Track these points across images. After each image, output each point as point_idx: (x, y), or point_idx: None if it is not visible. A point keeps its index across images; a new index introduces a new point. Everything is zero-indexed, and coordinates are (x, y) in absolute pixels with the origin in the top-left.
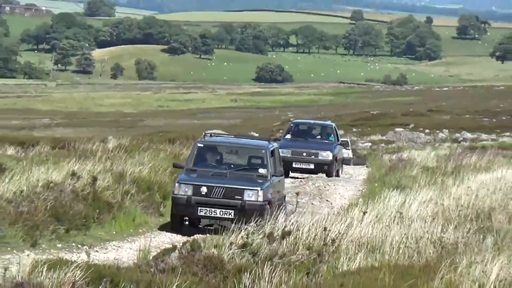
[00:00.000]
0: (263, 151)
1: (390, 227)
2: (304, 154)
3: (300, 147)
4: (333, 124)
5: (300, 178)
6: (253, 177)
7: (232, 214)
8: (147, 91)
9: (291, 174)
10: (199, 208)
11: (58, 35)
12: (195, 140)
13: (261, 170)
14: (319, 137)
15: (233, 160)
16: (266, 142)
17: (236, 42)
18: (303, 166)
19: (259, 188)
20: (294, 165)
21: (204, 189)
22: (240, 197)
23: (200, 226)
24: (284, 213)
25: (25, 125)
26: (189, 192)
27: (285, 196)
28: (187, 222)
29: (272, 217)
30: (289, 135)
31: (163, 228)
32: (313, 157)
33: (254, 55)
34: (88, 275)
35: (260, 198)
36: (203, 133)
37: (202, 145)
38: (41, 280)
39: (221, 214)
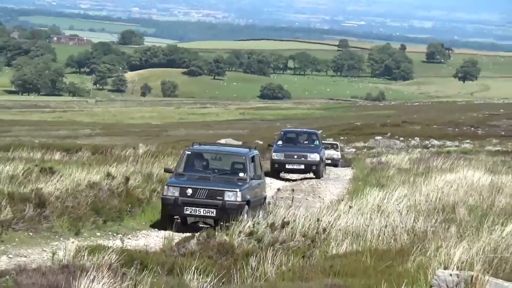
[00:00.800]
0: (244, 157)
1: (371, 218)
2: (295, 156)
3: (291, 151)
4: (317, 131)
5: (296, 179)
6: (233, 180)
7: (214, 212)
8: (170, 106)
9: (288, 176)
10: (185, 207)
11: (96, 60)
12: (185, 148)
13: (241, 174)
14: (306, 142)
15: (217, 165)
16: (247, 150)
17: (243, 65)
18: (295, 167)
19: (238, 190)
20: (287, 166)
21: (189, 191)
22: (221, 198)
23: (188, 222)
24: (264, 212)
25: (70, 134)
26: (176, 194)
27: (265, 197)
28: (178, 220)
29: (254, 216)
30: (281, 141)
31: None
32: (303, 158)
33: (259, 77)
34: (122, 259)
35: (239, 199)
36: (192, 142)
37: (190, 153)
38: (83, 262)
39: (204, 212)
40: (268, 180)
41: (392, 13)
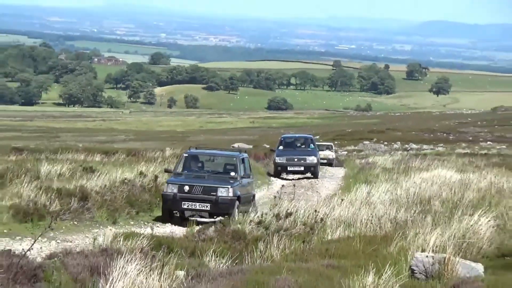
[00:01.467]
0: (234, 159)
1: (360, 209)
2: (295, 160)
3: (292, 154)
4: (312, 136)
5: (297, 178)
6: (225, 178)
7: (209, 206)
8: (192, 116)
9: (287, 176)
10: (183, 202)
11: (130, 77)
12: (184, 151)
13: (232, 174)
14: (303, 146)
15: (211, 166)
16: (238, 153)
17: (253, 82)
18: (296, 169)
19: (229, 186)
20: (288, 168)
21: (186, 188)
22: (214, 193)
23: (186, 217)
24: (254, 204)
25: (108, 140)
26: (175, 190)
27: (254, 195)
28: (177, 215)
29: (244, 210)
30: (281, 146)
31: None
32: (302, 161)
33: (266, 91)
34: (151, 243)
35: (231, 194)
36: (189, 147)
37: (187, 155)
38: (119, 247)
39: (200, 207)
40: (273, 179)
41: (377, 39)
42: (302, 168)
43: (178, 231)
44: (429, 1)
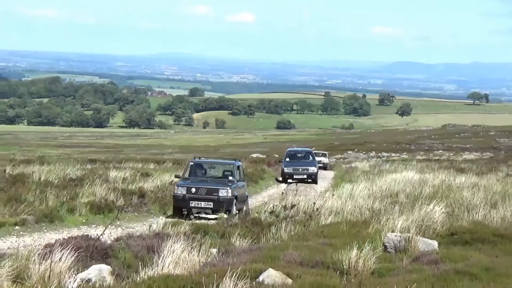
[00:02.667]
0: (232, 166)
1: (346, 202)
2: (300, 169)
3: (297, 165)
4: (311, 150)
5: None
6: (225, 181)
7: (212, 204)
8: (221, 134)
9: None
10: (190, 201)
11: (175, 106)
12: (189, 160)
13: (230, 178)
14: (304, 158)
15: (212, 172)
16: (234, 161)
17: (266, 108)
18: (300, 176)
19: (228, 188)
20: (294, 176)
21: (193, 189)
22: (216, 194)
23: (193, 214)
24: (247, 204)
25: (159, 152)
26: (184, 192)
27: (247, 196)
28: (185, 213)
29: (240, 207)
30: (288, 158)
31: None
32: (305, 170)
33: (275, 115)
34: (192, 228)
35: (229, 194)
36: (193, 156)
37: (192, 163)
38: (168, 231)
39: (205, 205)
40: (283, 185)
41: (357, 75)
42: (305, 176)
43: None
44: (396, 46)
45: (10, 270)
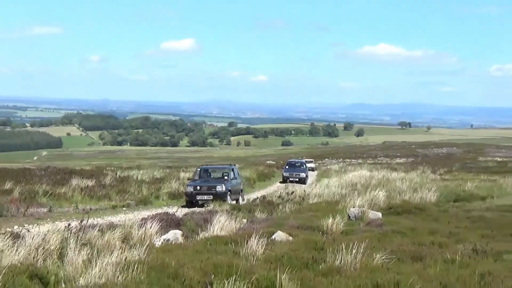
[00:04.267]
0: (227, 169)
1: (324, 189)
2: (294, 174)
3: (292, 171)
4: (304, 161)
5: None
6: (221, 180)
7: (212, 196)
8: (247, 150)
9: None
10: (197, 195)
11: (220, 133)
12: (198, 166)
13: (226, 177)
14: (299, 166)
15: (215, 174)
16: (229, 166)
17: (275, 133)
18: (294, 179)
19: (223, 185)
20: (290, 179)
21: (198, 187)
22: (214, 189)
23: (199, 203)
24: (242, 196)
25: (209, 161)
26: (191, 190)
27: (242, 189)
28: (194, 202)
29: (235, 198)
30: (287, 166)
31: (254, 192)
32: (298, 175)
33: (280, 137)
34: (231, 208)
35: (224, 189)
36: (201, 164)
37: (200, 168)
38: (216, 209)
39: (207, 197)
40: (275, 187)
41: (330, 112)
42: (297, 179)
43: (244, 201)
44: (351, 93)
45: (120, 234)
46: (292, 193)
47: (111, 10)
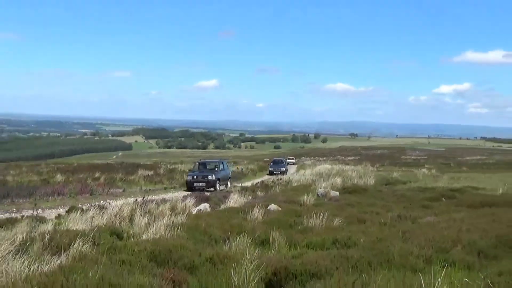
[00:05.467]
0: (218, 162)
1: (301, 177)
2: (277, 169)
3: (276, 167)
4: (284, 159)
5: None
6: (213, 171)
7: (205, 184)
8: (252, 152)
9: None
10: (194, 183)
11: (234, 140)
12: (196, 160)
13: (216, 169)
14: (281, 162)
15: (209, 166)
16: (220, 160)
17: (270, 141)
18: (277, 172)
19: (213, 174)
20: (274, 172)
21: (195, 177)
22: (206, 178)
23: (196, 188)
24: (230, 182)
25: (221, 158)
26: (190, 178)
27: (230, 177)
28: (192, 188)
29: (224, 184)
30: (272, 163)
31: (256, 179)
32: (280, 169)
33: (273, 143)
34: (241, 188)
35: (214, 177)
36: (199, 159)
37: (198, 162)
38: (232, 190)
39: (201, 184)
40: (268, 176)
41: (306, 126)
42: (280, 172)
43: (251, 184)
44: (321, 114)
45: (169, 206)
46: (280, 179)
47: (163, 59)
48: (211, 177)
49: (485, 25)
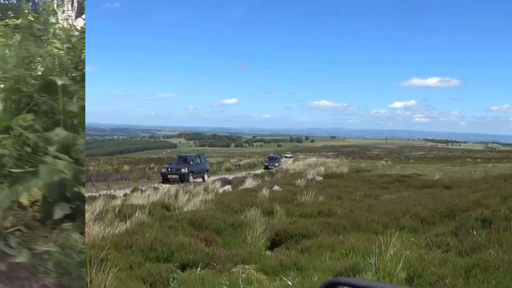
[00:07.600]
0: (194, 156)
1: (296, 167)
2: (271, 163)
3: (271, 162)
4: (278, 156)
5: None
6: (187, 164)
7: (178, 176)
8: (261, 149)
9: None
10: (168, 175)
11: (250, 141)
12: (176, 154)
13: (191, 162)
14: (275, 158)
15: (187, 159)
16: (197, 154)
17: (274, 141)
18: (272, 167)
19: (186, 167)
20: (269, 167)
21: (169, 169)
22: (180, 171)
23: (171, 180)
24: (207, 175)
25: (232, 154)
26: (165, 170)
27: (208, 170)
28: (167, 179)
29: (199, 176)
30: (268, 159)
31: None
32: (274, 164)
33: (276, 143)
34: (254, 175)
35: (186, 171)
36: (179, 152)
37: (177, 156)
38: (247, 176)
39: (174, 176)
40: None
41: (298, 131)
42: (273, 167)
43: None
44: (309, 123)
45: (203, 187)
46: (281, 168)
47: (198, 83)
48: (184, 170)
49: (425, 59)
